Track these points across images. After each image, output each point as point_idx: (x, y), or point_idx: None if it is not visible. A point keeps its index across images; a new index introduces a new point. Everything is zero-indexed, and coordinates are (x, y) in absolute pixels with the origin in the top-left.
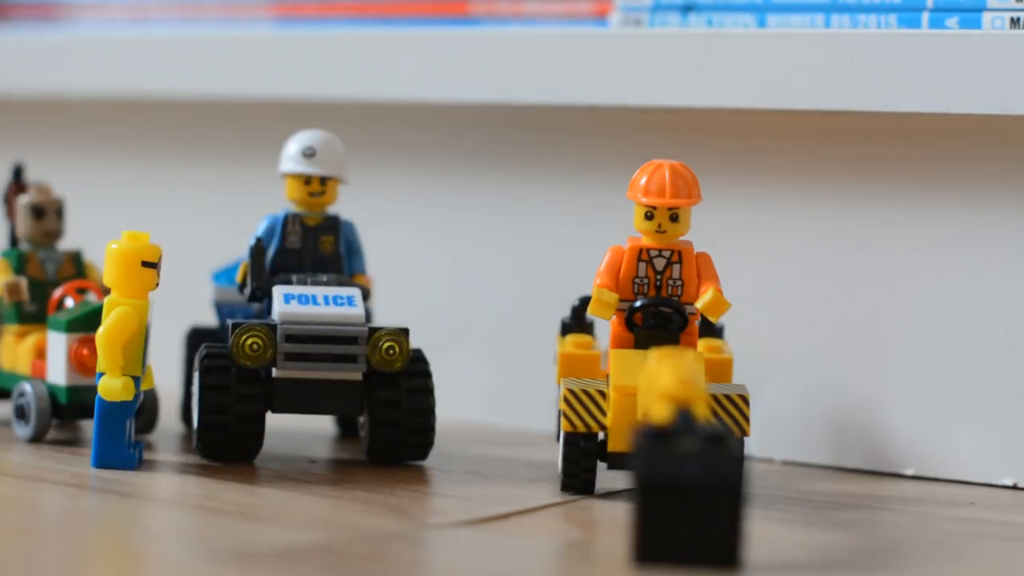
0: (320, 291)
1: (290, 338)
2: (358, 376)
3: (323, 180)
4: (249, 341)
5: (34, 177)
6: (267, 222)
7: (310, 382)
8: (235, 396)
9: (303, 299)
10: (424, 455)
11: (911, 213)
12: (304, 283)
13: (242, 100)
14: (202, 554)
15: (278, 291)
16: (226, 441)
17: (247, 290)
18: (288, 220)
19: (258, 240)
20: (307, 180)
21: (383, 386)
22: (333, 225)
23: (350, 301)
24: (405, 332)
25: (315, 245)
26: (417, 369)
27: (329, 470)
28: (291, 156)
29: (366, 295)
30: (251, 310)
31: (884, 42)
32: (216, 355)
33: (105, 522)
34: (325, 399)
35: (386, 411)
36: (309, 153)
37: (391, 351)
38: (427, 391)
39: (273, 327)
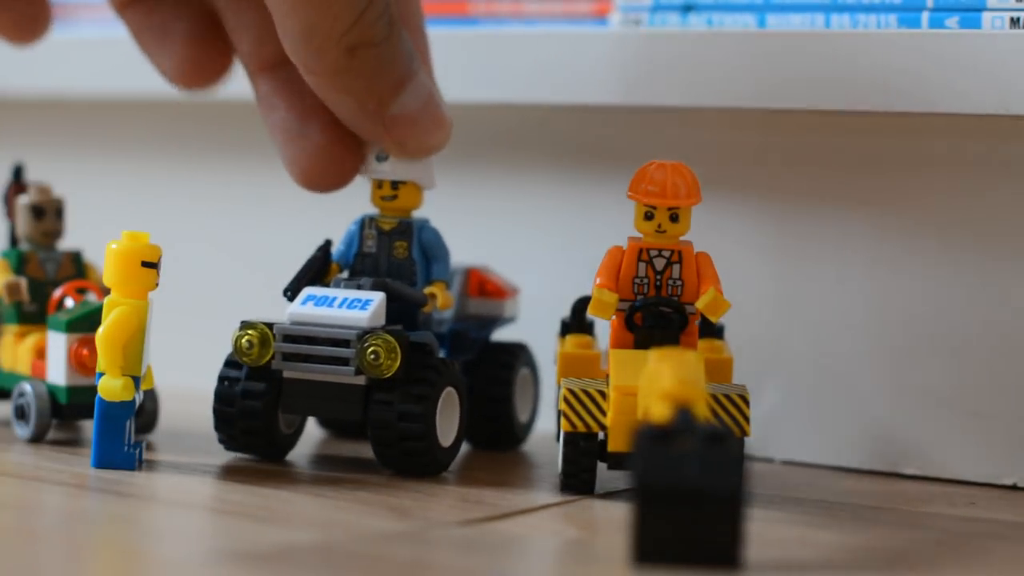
0: (345, 294)
1: (287, 338)
2: (357, 380)
3: (395, 184)
4: (244, 339)
5: (34, 177)
6: (350, 226)
7: (313, 383)
8: (240, 391)
9: (320, 301)
10: (427, 469)
11: (911, 213)
12: (340, 285)
13: (242, 100)
14: (202, 554)
15: (304, 292)
16: (233, 436)
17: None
18: (364, 224)
19: (319, 247)
20: (379, 184)
21: (381, 389)
22: (407, 230)
23: (364, 305)
24: (401, 337)
25: (390, 250)
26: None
27: (329, 470)
28: (369, 160)
29: (423, 303)
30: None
31: (884, 42)
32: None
33: (105, 522)
34: (326, 401)
35: (380, 414)
36: (382, 157)
37: (375, 355)
38: (425, 398)
39: (271, 326)
